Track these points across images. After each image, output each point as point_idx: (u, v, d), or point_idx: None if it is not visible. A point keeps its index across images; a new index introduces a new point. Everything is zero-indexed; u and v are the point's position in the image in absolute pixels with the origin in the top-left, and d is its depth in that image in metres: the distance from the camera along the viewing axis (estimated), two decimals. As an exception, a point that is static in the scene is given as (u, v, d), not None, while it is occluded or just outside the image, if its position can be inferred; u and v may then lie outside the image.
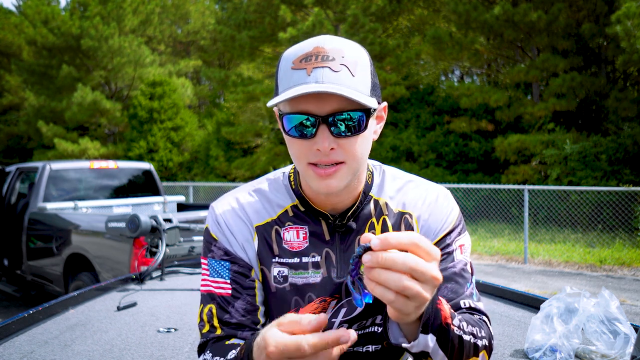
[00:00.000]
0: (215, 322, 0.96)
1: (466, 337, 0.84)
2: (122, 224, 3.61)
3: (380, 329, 1.03)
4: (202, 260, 1.03)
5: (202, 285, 1.01)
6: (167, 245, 3.13)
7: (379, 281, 0.66)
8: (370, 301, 0.71)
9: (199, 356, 0.97)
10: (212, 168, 18.38)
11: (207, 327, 0.97)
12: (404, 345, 0.79)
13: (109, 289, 2.62)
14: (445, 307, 0.81)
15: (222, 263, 0.99)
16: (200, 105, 25.87)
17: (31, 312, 2.01)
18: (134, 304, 2.34)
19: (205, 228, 1.04)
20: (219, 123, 18.91)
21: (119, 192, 6.28)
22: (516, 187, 9.33)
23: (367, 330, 1.03)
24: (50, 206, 5.38)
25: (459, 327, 0.83)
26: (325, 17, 15.26)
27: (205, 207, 6.24)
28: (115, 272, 4.26)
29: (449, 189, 1.16)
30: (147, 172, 6.53)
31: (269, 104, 0.86)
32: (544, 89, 13.81)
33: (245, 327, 0.96)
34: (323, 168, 0.87)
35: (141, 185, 6.50)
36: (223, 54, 22.77)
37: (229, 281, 0.98)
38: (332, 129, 0.85)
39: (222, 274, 0.98)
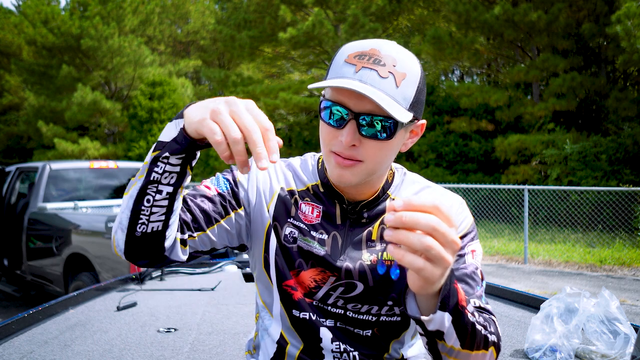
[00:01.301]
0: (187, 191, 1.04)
1: (478, 327, 0.86)
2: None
3: (374, 318, 1.05)
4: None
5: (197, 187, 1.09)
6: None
7: (402, 242, 0.68)
8: (395, 277, 0.78)
9: None
10: (212, 168, 18.37)
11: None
12: (422, 318, 0.81)
13: (109, 289, 2.62)
14: (461, 290, 0.83)
15: (225, 181, 1.07)
16: (200, 105, 25.78)
17: (31, 312, 2.01)
18: (134, 304, 2.34)
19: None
20: (219, 123, 18.88)
21: (119, 192, 6.27)
22: (516, 187, 9.31)
23: (360, 317, 1.04)
24: (50, 206, 5.37)
25: (472, 314, 0.85)
26: (325, 17, 15.25)
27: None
28: (115, 272, 4.26)
29: (448, 189, 1.17)
30: (147, 172, 6.52)
31: (312, 86, 0.89)
32: (544, 89, 13.81)
33: (189, 213, 1.00)
34: (342, 158, 0.93)
35: (141, 186, 6.48)
36: (223, 54, 22.75)
37: (219, 190, 1.05)
38: (361, 127, 0.89)
39: (218, 183, 1.07)
